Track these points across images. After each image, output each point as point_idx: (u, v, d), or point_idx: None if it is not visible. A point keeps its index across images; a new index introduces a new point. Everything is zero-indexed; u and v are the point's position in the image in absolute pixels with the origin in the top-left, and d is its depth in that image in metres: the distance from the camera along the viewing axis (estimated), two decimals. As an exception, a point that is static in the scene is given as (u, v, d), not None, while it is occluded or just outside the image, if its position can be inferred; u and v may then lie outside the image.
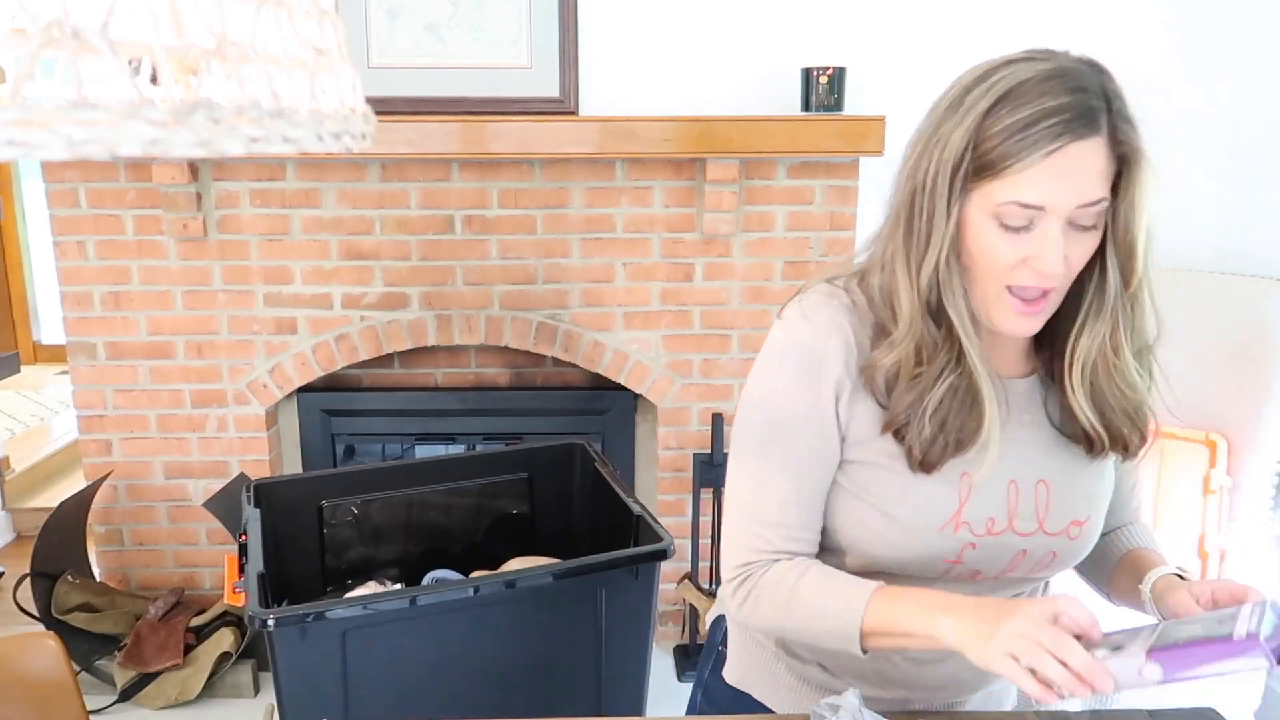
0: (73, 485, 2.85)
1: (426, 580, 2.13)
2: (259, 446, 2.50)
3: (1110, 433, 1.00)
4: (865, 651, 0.93)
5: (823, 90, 2.24)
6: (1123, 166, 0.89)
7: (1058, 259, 0.87)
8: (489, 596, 1.67)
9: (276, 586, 1.94)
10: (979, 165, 0.88)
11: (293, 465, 2.59)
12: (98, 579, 2.55)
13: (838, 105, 2.25)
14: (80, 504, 2.45)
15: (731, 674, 1.19)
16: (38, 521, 2.51)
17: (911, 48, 2.37)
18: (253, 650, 2.42)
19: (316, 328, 2.44)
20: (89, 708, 1.26)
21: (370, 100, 0.73)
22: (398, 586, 2.07)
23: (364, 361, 2.47)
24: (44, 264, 4.76)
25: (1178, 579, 1.00)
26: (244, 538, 1.83)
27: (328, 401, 2.55)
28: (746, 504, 1.01)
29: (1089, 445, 1.01)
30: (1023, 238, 0.88)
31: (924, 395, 0.94)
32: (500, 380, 2.61)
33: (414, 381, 2.60)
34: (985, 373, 0.94)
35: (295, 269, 2.40)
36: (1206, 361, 2.21)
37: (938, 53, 2.37)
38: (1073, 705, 1.81)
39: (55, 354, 4.78)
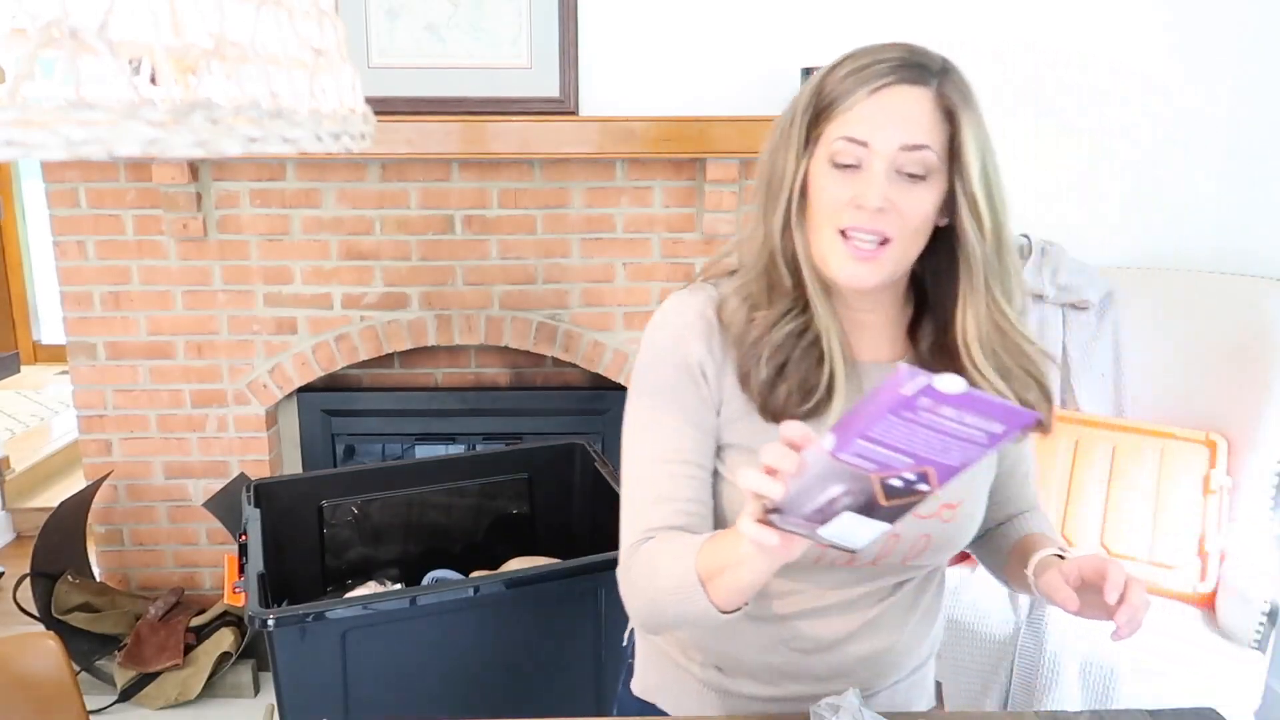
0: (73, 485, 2.85)
1: (426, 580, 2.14)
2: (259, 446, 2.50)
3: (1022, 404, 1.00)
4: (728, 612, 0.90)
5: (823, 90, 2.24)
6: (954, 129, 0.93)
7: (877, 194, 0.91)
8: (489, 596, 1.67)
9: (276, 586, 1.94)
10: (819, 110, 0.95)
11: (293, 465, 2.59)
12: (98, 579, 2.55)
13: (838, 105, 2.25)
14: (80, 504, 2.45)
15: (638, 685, 1.19)
16: (38, 521, 2.51)
17: (911, 48, 2.37)
18: (253, 650, 2.42)
19: (316, 328, 2.44)
20: (89, 708, 1.26)
21: (370, 100, 0.73)
22: (398, 586, 2.07)
23: (364, 361, 2.47)
24: (44, 264, 4.76)
25: (1056, 558, 1.01)
26: (244, 538, 1.83)
27: (328, 401, 2.55)
28: (637, 481, 1.02)
29: None
30: (852, 176, 0.93)
31: (763, 337, 0.97)
32: (500, 380, 2.61)
33: (414, 381, 2.60)
34: (830, 321, 0.97)
35: (295, 269, 2.40)
36: (1206, 361, 2.21)
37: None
38: (1072, 705, 1.81)
39: (55, 354, 4.78)
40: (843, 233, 0.93)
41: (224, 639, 2.37)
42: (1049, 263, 2.36)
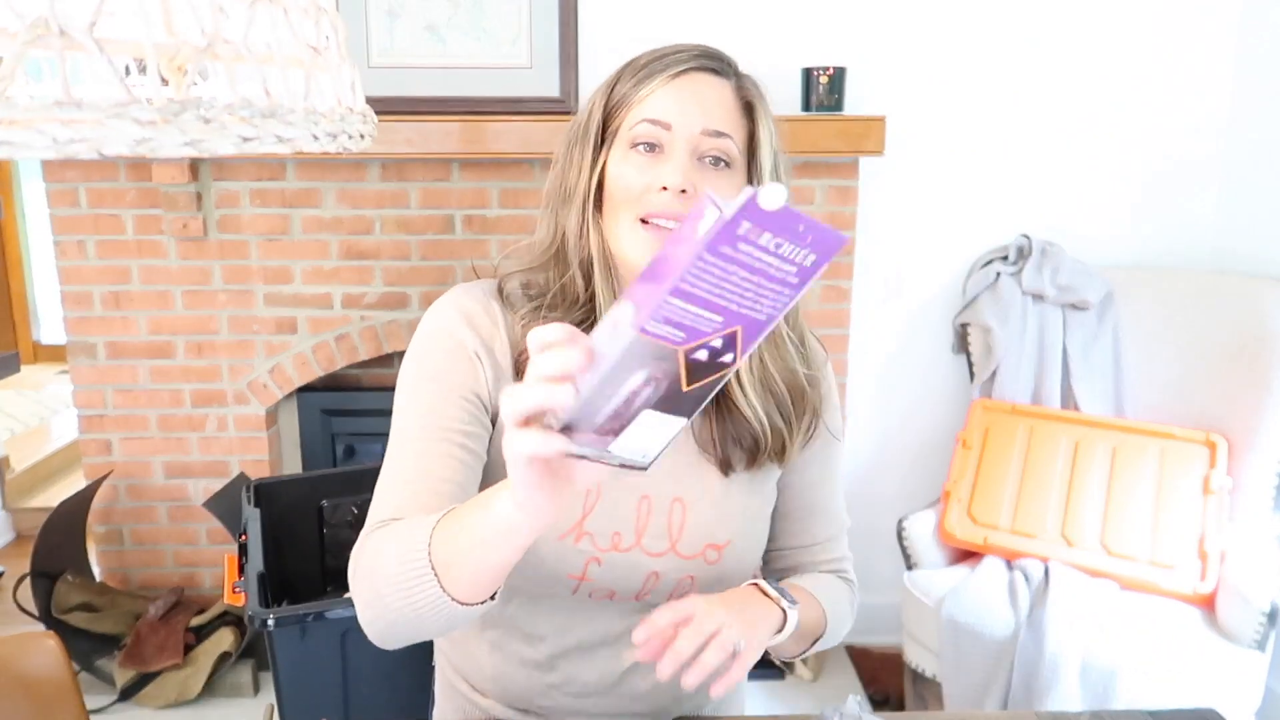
0: (73, 485, 2.85)
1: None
2: (259, 446, 2.50)
3: (773, 428, 0.96)
4: (468, 605, 0.75)
5: (823, 90, 2.24)
6: (753, 125, 0.94)
7: (677, 174, 0.89)
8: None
9: (276, 586, 1.94)
10: (621, 98, 0.94)
11: (293, 465, 2.59)
12: (98, 579, 2.55)
13: (838, 105, 2.25)
14: (80, 504, 2.45)
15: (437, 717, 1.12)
16: (38, 521, 2.51)
17: (911, 48, 2.37)
18: (253, 650, 2.42)
19: (316, 328, 2.43)
20: (89, 708, 1.26)
21: (370, 100, 0.73)
22: (397, 586, 2.06)
23: (364, 361, 2.47)
24: (44, 264, 4.76)
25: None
26: (244, 538, 1.83)
27: (328, 401, 2.55)
28: (388, 463, 0.91)
29: (754, 448, 0.96)
30: (653, 161, 0.91)
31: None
32: (500, 380, 2.60)
33: (414, 381, 2.59)
34: None
35: (295, 269, 2.40)
36: (1206, 361, 2.20)
37: (938, 53, 2.37)
38: (1072, 705, 1.81)
39: (55, 354, 4.78)
40: (644, 221, 0.90)
41: (224, 639, 2.36)
42: (1049, 263, 2.36)
